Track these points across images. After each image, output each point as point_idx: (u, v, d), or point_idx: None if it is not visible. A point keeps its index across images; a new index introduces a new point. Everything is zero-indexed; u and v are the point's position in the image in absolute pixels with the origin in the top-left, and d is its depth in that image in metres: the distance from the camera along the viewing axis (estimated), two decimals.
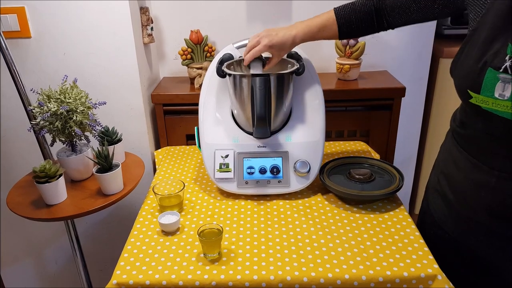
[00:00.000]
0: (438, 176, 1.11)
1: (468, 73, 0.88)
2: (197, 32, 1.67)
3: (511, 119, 0.83)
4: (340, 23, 1.13)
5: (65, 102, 1.23)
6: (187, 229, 1.13)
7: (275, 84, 1.18)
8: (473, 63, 0.86)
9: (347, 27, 1.14)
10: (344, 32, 1.15)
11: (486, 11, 0.86)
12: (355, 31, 1.15)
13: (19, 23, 1.44)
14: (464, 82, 0.89)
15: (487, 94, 0.84)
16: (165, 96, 1.63)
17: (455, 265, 1.04)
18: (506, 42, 0.81)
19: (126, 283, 0.95)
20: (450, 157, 1.06)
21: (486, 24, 0.85)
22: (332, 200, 1.24)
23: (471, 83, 0.87)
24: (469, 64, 0.88)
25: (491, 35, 0.84)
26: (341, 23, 1.13)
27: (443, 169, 1.10)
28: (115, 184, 1.27)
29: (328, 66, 1.83)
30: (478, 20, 0.88)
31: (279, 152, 1.26)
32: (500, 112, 0.83)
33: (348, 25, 1.13)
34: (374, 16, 1.11)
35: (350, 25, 1.13)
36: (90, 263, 1.63)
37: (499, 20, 0.83)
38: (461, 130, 1.01)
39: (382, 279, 0.94)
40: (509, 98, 0.81)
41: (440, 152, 1.16)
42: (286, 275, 0.95)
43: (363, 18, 1.12)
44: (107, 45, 1.48)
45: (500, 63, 0.81)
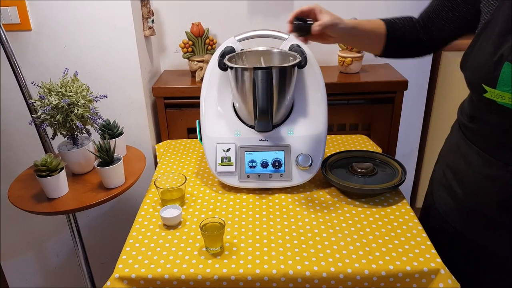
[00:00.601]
0: (444, 169, 1.10)
1: (482, 67, 0.85)
2: (198, 24, 1.66)
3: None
4: (389, 30, 1.09)
5: (66, 95, 1.22)
6: (189, 223, 1.12)
7: (277, 77, 1.18)
8: (488, 56, 0.84)
9: (393, 34, 1.09)
10: (391, 43, 1.10)
11: (500, 3, 0.84)
12: (402, 44, 1.11)
13: (19, 15, 1.43)
14: (478, 76, 0.87)
15: (504, 88, 0.81)
16: (166, 89, 1.62)
17: (459, 259, 1.04)
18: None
19: (128, 277, 0.95)
20: (457, 151, 1.04)
21: (501, 16, 0.83)
22: (334, 194, 1.24)
23: (486, 77, 0.84)
24: (483, 58, 0.85)
25: (507, 27, 0.82)
26: (390, 30, 1.09)
27: (449, 162, 1.08)
28: (117, 177, 1.27)
29: (330, 59, 1.82)
30: (492, 13, 0.86)
31: (281, 146, 1.25)
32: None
33: (397, 34, 1.09)
34: (416, 29, 1.09)
35: (395, 32, 1.09)
36: (91, 256, 1.63)
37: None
38: (471, 124, 0.98)
39: (385, 273, 0.94)
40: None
41: (445, 145, 1.15)
42: (289, 269, 0.95)
43: (407, 30, 1.09)
44: (107, 38, 1.47)
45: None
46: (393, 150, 1.76)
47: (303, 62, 1.21)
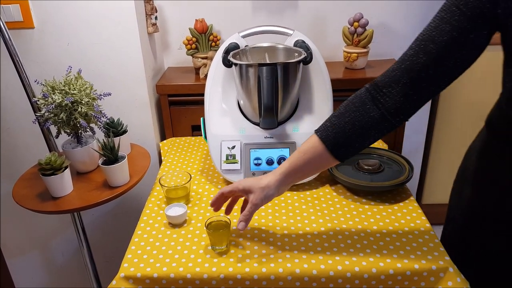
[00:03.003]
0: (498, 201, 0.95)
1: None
2: (202, 21, 1.65)
3: None
4: (327, 144, 0.90)
5: (70, 93, 1.22)
6: (194, 221, 1.12)
7: (282, 74, 1.16)
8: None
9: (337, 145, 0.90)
10: (341, 152, 0.90)
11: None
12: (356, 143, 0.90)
13: (22, 13, 1.42)
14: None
15: None
16: (170, 86, 1.61)
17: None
18: None
19: (133, 276, 0.95)
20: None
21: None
22: (341, 191, 1.23)
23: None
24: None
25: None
26: (329, 143, 0.90)
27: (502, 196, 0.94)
28: (121, 176, 1.26)
29: (335, 54, 1.81)
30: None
31: (286, 143, 1.24)
32: None
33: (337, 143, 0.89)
34: (370, 106, 0.87)
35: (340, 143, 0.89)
36: (96, 254, 1.63)
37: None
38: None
39: (393, 271, 0.92)
40: None
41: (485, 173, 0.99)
42: (295, 267, 0.94)
43: (358, 121, 0.88)
44: (111, 35, 1.47)
45: None
46: (399, 146, 1.75)
47: (308, 58, 1.20)
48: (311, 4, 1.72)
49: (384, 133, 0.89)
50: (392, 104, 0.85)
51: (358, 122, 0.88)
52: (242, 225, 0.93)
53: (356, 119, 0.88)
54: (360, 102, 0.88)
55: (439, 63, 0.80)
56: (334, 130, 0.90)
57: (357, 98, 0.89)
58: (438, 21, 0.80)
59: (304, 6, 1.72)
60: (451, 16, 0.78)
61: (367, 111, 0.87)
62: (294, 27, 1.33)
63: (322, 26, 1.77)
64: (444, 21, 0.79)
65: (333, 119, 0.91)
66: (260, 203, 0.93)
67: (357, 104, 0.88)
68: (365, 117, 0.87)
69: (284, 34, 1.31)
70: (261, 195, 0.93)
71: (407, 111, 0.86)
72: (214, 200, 0.99)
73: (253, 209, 0.93)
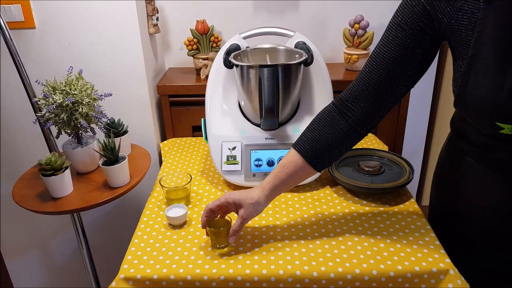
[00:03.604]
0: (455, 199, 1.02)
1: (489, 105, 0.77)
2: (203, 22, 1.65)
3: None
4: (306, 156, 0.97)
5: (71, 93, 1.21)
6: (195, 222, 1.11)
7: (283, 75, 1.16)
8: (492, 92, 0.76)
9: (316, 158, 0.97)
10: (319, 163, 0.97)
11: (478, 33, 0.76)
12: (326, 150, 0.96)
13: (23, 13, 1.42)
14: (487, 114, 0.80)
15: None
16: (171, 87, 1.61)
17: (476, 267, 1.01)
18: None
19: (133, 278, 0.94)
20: (470, 178, 0.97)
21: (488, 45, 0.75)
22: (341, 193, 1.23)
23: (500, 115, 0.77)
24: (486, 95, 0.77)
25: (506, 56, 0.74)
26: (308, 156, 0.97)
27: (462, 191, 1.00)
28: (122, 176, 1.26)
29: (336, 56, 1.81)
30: (473, 45, 0.77)
31: (287, 144, 1.24)
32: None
33: (317, 150, 0.96)
34: (339, 118, 0.95)
35: (318, 155, 0.96)
36: (96, 255, 1.63)
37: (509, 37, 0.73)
38: (486, 153, 0.90)
39: (393, 273, 0.92)
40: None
41: (447, 169, 1.07)
42: (296, 269, 0.94)
43: (331, 134, 0.95)
44: (112, 36, 1.46)
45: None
46: (399, 148, 1.75)
47: (309, 60, 1.20)
48: (312, 6, 1.72)
49: (355, 142, 0.98)
50: (357, 116, 0.94)
51: (331, 134, 0.96)
52: (233, 239, 0.98)
53: (328, 133, 0.96)
54: (330, 117, 0.97)
55: (392, 77, 0.88)
56: (310, 144, 0.97)
57: (327, 113, 0.98)
58: (385, 39, 0.88)
59: (305, 8, 1.72)
60: (395, 34, 0.86)
61: (337, 124, 0.96)
62: (295, 29, 1.33)
63: (323, 28, 1.77)
64: (390, 39, 0.87)
65: (308, 134, 0.98)
66: (249, 218, 0.98)
67: (328, 119, 0.97)
68: (336, 130, 0.95)
69: (285, 35, 1.31)
70: (251, 209, 0.97)
71: (372, 121, 0.95)
72: (204, 219, 0.99)
73: (243, 223, 0.98)
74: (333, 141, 0.96)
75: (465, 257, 1.00)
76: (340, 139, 0.96)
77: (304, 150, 0.97)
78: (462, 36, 0.79)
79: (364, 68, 0.93)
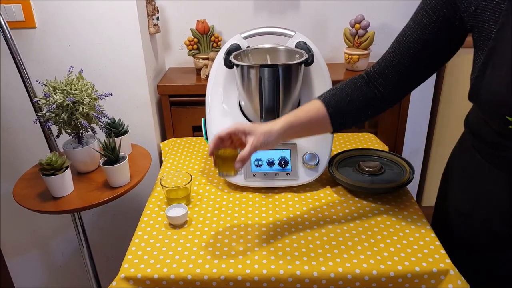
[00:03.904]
0: (462, 197, 1.02)
1: (503, 98, 0.77)
2: (204, 22, 1.65)
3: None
4: (329, 108, 0.97)
5: (71, 93, 1.22)
6: (195, 222, 1.12)
7: (284, 75, 1.16)
8: (506, 86, 0.75)
9: (337, 111, 0.97)
10: (335, 118, 0.98)
11: (501, 25, 0.76)
12: (348, 114, 0.98)
13: (23, 13, 1.42)
14: (499, 108, 0.79)
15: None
16: (171, 87, 1.61)
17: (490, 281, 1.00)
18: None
19: (134, 277, 0.94)
20: (480, 176, 0.96)
21: (509, 38, 0.75)
22: (341, 193, 1.23)
23: (511, 109, 0.77)
24: (501, 88, 0.77)
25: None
26: (331, 108, 0.97)
27: (467, 188, 1.00)
28: (122, 176, 1.26)
29: (336, 56, 1.81)
30: (494, 37, 0.77)
31: (287, 144, 1.24)
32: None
33: (337, 108, 0.97)
34: (365, 88, 0.98)
35: (339, 108, 0.97)
36: (96, 255, 1.63)
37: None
38: (494, 151, 0.90)
39: (394, 273, 0.92)
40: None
41: (456, 165, 1.07)
42: (296, 269, 0.94)
43: (353, 98, 0.97)
44: (112, 35, 1.47)
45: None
46: (400, 148, 1.75)
47: (310, 60, 1.20)
48: (312, 6, 1.72)
49: (376, 113, 1.01)
50: (383, 91, 0.96)
51: (356, 97, 0.98)
52: (239, 164, 0.93)
53: (354, 95, 0.98)
54: (358, 84, 0.99)
55: (414, 60, 0.91)
56: (335, 99, 0.98)
57: (355, 80, 1.00)
58: (411, 22, 0.91)
59: (306, 8, 1.72)
60: (420, 19, 0.88)
61: (364, 91, 0.98)
62: (296, 29, 1.33)
63: (323, 28, 1.77)
64: (415, 22, 0.89)
65: (334, 90, 1.00)
66: (259, 147, 0.93)
67: (356, 85, 0.99)
68: (362, 95, 0.98)
69: (286, 35, 1.31)
70: (262, 139, 0.92)
71: (396, 98, 0.99)
72: (212, 147, 0.95)
73: (252, 151, 0.92)
74: (357, 104, 0.97)
75: (466, 258, 1.00)
76: (364, 105, 0.98)
77: (328, 102, 0.97)
78: (484, 26, 0.80)
79: (391, 48, 0.95)
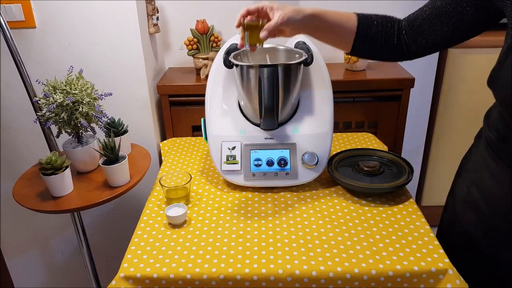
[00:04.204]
0: (469, 186, 1.01)
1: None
2: (203, 22, 1.65)
3: None
4: (360, 26, 1.02)
5: (71, 93, 1.22)
6: (194, 222, 1.12)
7: (283, 75, 1.16)
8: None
9: (365, 30, 1.02)
10: (361, 36, 1.02)
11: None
12: (373, 40, 1.03)
13: (23, 12, 1.42)
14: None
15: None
16: (171, 87, 1.61)
17: (483, 278, 1.00)
18: None
19: (133, 276, 0.95)
20: (485, 169, 0.96)
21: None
22: (341, 193, 1.23)
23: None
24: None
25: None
26: (362, 27, 1.02)
27: (475, 179, 1.00)
28: (122, 176, 1.26)
29: (336, 56, 1.81)
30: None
31: (286, 144, 1.24)
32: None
33: (367, 28, 1.02)
34: (396, 31, 1.02)
35: (369, 29, 1.02)
36: (96, 254, 1.63)
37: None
38: (503, 145, 0.89)
39: (392, 273, 0.93)
40: None
41: (469, 159, 1.06)
42: (295, 269, 0.94)
43: (384, 28, 1.02)
44: (112, 35, 1.47)
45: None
46: (399, 148, 1.75)
47: (309, 60, 1.20)
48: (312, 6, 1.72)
49: (393, 57, 1.05)
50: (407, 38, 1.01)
51: (383, 29, 1.02)
52: (264, 33, 0.96)
53: (383, 27, 1.02)
54: (389, 22, 1.03)
55: (442, 20, 0.94)
56: (366, 17, 1.03)
57: (390, 21, 1.04)
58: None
59: None
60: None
61: (391, 30, 1.02)
62: None
63: None
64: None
65: (371, 15, 1.05)
66: (285, 21, 0.95)
67: (385, 22, 1.03)
68: (389, 33, 1.02)
69: None
70: (290, 13, 0.96)
71: (416, 48, 1.01)
72: (240, 16, 0.99)
73: (279, 22, 0.95)
74: (383, 33, 1.01)
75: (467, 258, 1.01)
76: (386, 41, 1.02)
77: (361, 14, 1.02)
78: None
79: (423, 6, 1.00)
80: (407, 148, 1.98)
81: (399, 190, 1.22)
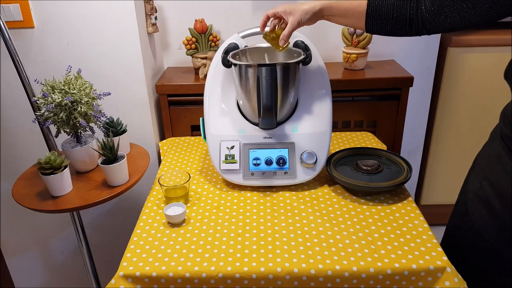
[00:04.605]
0: (481, 181, 1.01)
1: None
2: (202, 21, 1.65)
3: None
4: (369, 3, 1.03)
5: (70, 93, 1.22)
6: (193, 221, 1.12)
7: (282, 74, 1.17)
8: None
9: (376, 12, 1.02)
10: (372, 17, 1.03)
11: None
12: (385, 19, 1.03)
13: (22, 12, 1.42)
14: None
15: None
16: (169, 86, 1.62)
17: (492, 273, 0.99)
18: None
19: (132, 275, 0.95)
20: (498, 163, 0.95)
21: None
22: (339, 192, 1.23)
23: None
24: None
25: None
26: (370, 4, 1.03)
27: (488, 174, 0.98)
28: (121, 175, 1.27)
29: (335, 55, 1.81)
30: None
31: (285, 143, 1.24)
32: None
33: (378, 10, 1.02)
34: (409, 8, 0.99)
35: (380, 10, 1.02)
36: (96, 253, 1.63)
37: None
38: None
39: (391, 271, 0.93)
40: None
41: (484, 154, 1.05)
42: (293, 267, 0.94)
43: (396, 7, 1.01)
44: (111, 35, 1.47)
45: None
46: (398, 147, 1.75)
47: (308, 59, 1.21)
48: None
49: (405, 33, 1.03)
50: (424, 14, 0.97)
51: (397, 10, 1.00)
52: (282, 42, 1.13)
53: (395, 7, 1.01)
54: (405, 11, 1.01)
55: None
56: (378, 1, 1.02)
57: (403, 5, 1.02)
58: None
59: None
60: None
61: (406, 8, 1.00)
62: None
63: (321, 27, 1.77)
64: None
65: None
66: (296, 26, 1.09)
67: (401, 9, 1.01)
68: (403, 11, 1.00)
69: None
70: (299, 17, 1.08)
71: (432, 26, 0.97)
72: (262, 23, 1.16)
73: (291, 31, 1.10)
74: (396, 14, 1.01)
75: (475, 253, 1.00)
76: (400, 20, 1.01)
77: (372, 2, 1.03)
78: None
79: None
80: (406, 147, 1.98)
81: (398, 189, 1.23)
